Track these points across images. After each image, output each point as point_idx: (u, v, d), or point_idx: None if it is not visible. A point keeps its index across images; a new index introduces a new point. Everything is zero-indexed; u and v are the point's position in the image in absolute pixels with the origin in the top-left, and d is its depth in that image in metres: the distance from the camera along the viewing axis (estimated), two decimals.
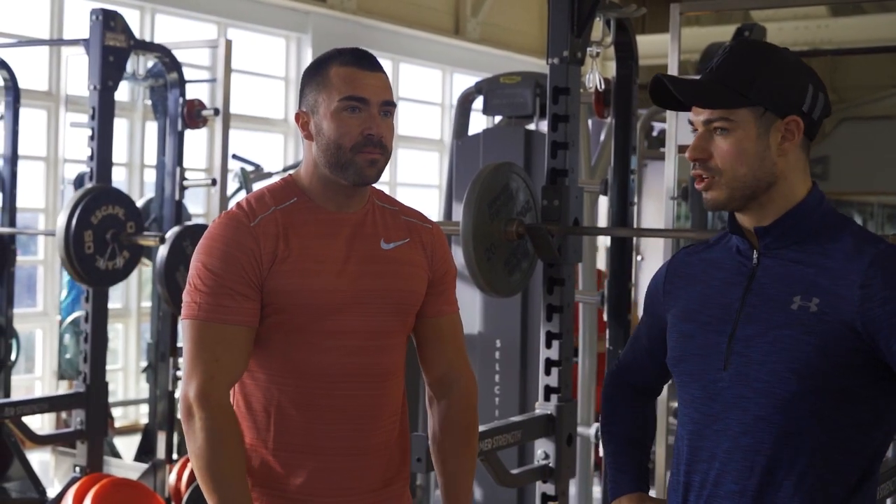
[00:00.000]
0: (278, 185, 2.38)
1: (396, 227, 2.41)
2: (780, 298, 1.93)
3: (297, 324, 2.27)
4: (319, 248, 2.30)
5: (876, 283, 1.87)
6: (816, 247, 1.95)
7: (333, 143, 2.27)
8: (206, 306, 2.24)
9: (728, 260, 2.04)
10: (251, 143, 9.43)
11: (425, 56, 11.61)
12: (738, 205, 1.98)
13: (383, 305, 2.33)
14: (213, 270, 2.24)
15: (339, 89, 2.27)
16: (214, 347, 2.22)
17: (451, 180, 6.00)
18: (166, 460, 5.70)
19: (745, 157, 1.94)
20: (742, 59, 1.95)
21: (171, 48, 5.79)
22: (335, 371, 2.29)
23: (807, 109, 1.95)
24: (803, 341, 1.89)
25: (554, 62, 3.88)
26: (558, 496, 3.91)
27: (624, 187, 4.48)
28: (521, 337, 5.50)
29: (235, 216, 2.30)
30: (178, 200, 5.74)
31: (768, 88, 1.93)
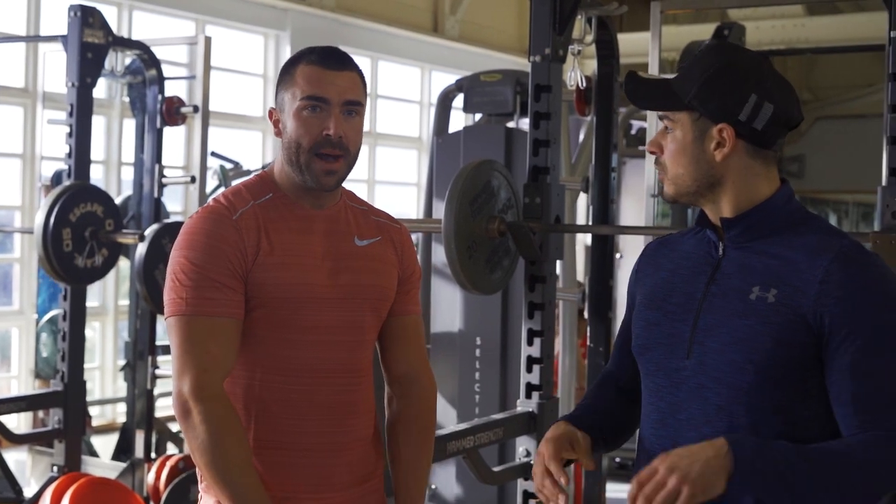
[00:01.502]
0: (254, 180, 2.39)
1: (368, 225, 2.43)
2: (741, 288, 1.97)
3: (279, 318, 2.27)
4: (297, 243, 2.31)
5: (834, 280, 1.89)
6: (781, 241, 1.98)
7: (294, 143, 2.29)
8: (192, 300, 2.21)
9: (698, 250, 2.08)
10: (230, 140, 9.40)
11: (404, 54, 11.60)
12: (687, 200, 2.05)
13: (360, 301, 2.35)
14: (198, 264, 2.22)
15: (302, 88, 2.28)
16: (205, 341, 2.20)
17: (431, 178, 6.00)
18: (145, 459, 5.67)
19: (681, 158, 2.01)
20: (696, 64, 2.01)
21: (150, 45, 5.76)
22: (316, 366, 2.30)
23: (744, 119, 1.96)
24: (759, 332, 1.92)
25: (536, 60, 3.88)
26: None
27: (605, 185, 4.49)
28: (502, 335, 5.50)
29: (216, 210, 2.28)
30: (157, 198, 5.71)
31: (705, 94, 1.97)
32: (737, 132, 1.98)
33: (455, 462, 5.25)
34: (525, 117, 5.73)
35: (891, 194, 3.29)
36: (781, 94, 1.98)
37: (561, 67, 3.94)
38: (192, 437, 2.18)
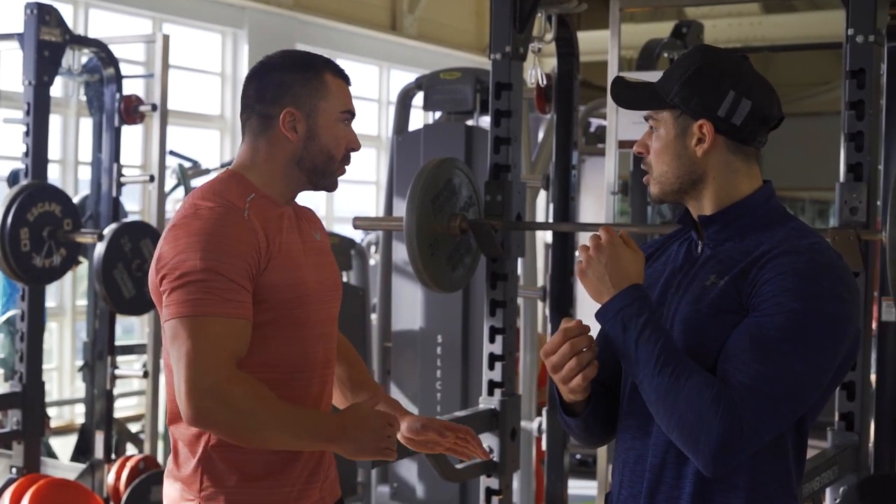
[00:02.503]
0: (228, 179, 2.37)
1: (307, 218, 2.52)
2: (702, 278, 2.03)
3: (290, 318, 2.31)
4: (290, 241, 2.36)
5: (771, 265, 1.94)
6: (752, 239, 2.03)
7: (326, 152, 2.39)
8: (206, 301, 2.17)
9: (682, 251, 2.15)
10: (187, 139, 9.35)
11: (362, 52, 11.58)
12: (672, 198, 2.11)
13: (332, 294, 2.46)
14: (215, 266, 2.18)
15: (339, 101, 2.41)
16: (223, 340, 2.17)
17: (391, 177, 5.99)
18: (104, 460, 5.63)
19: (665, 156, 2.07)
20: (678, 64, 2.09)
21: (107, 43, 5.72)
22: (313, 360, 2.38)
23: (723, 115, 2.02)
24: (707, 315, 1.98)
25: (496, 58, 3.89)
26: (502, 490, 3.92)
27: (566, 182, 4.50)
28: (463, 332, 5.51)
29: (227, 210, 2.26)
30: (115, 197, 5.67)
31: (686, 92, 2.03)
32: (716, 127, 2.04)
33: (417, 460, 5.25)
34: (485, 115, 5.75)
35: (848, 191, 3.33)
36: (760, 92, 2.05)
37: (521, 65, 3.96)
38: (235, 417, 2.14)
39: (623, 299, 1.96)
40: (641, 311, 1.95)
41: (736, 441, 1.86)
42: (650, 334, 1.92)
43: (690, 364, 1.91)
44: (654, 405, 1.94)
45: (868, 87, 3.34)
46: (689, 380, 1.89)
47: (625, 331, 1.95)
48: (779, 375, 1.88)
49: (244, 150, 2.40)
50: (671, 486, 2.02)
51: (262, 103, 2.37)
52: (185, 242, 2.21)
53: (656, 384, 1.91)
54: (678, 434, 1.91)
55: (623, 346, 1.95)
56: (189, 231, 2.22)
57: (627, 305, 1.96)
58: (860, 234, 3.28)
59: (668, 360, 1.91)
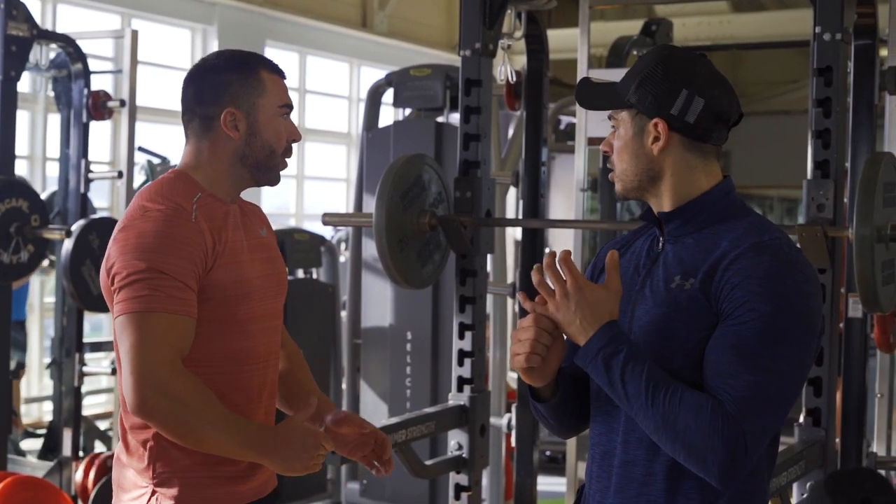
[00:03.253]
0: (175, 179, 2.41)
1: (252, 214, 2.56)
2: (665, 279, 2.05)
3: (236, 314, 2.36)
4: (235, 239, 2.41)
5: (738, 266, 1.96)
6: (713, 235, 2.05)
7: (268, 147, 2.43)
8: (154, 298, 2.23)
9: (644, 246, 2.16)
10: (156, 135, 9.30)
11: (333, 49, 11.56)
12: (633, 196, 2.14)
13: (276, 289, 2.51)
14: (162, 266, 2.24)
15: (277, 96, 2.44)
16: (167, 335, 2.23)
17: (361, 173, 5.99)
18: (73, 458, 5.60)
19: (624, 154, 2.11)
20: (636, 66, 2.12)
21: (75, 38, 5.68)
22: (256, 353, 2.42)
23: (676, 113, 2.05)
24: (674, 318, 2.00)
25: (466, 54, 3.90)
26: (471, 486, 3.93)
27: (535, 179, 4.51)
28: (433, 329, 5.51)
29: (174, 211, 2.31)
30: (83, 193, 5.64)
31: (641, 92, 2.07)
32: (670, 126, 2.06)
33: None
34: (455, 112, 5.75)
35: (815, 187, 3.35)
36: (714, 90, 2.07)
37: (491, 62, 3.96)
38: (176, 409, 2.19)
39: (600, 340, 1.96)
40: (620, 348, 1.95)
41: (742, 453, 1.90)
42: (633, 367, 1.93)
43: (679, 387, 1.93)
44: (654, 434, 1.95)
45: (835, 85, 3.35)
46: (683, 404, 1.91)
47: (608, 370, 1.95)
48: (769, 381, 1.91)
49: (188, 151, 2.45)
50: (641, 482, 2.03)
51: (201, 105, 2.41)
52: (133, 244, 2.27)
53: (652, 415, 1.92)
54: (685, 457, 1.93)
55: (610, 384, 1.96)
56: (138, 233, 2.28)
57: (605, 345, 1.95)
58: (827, 230, 3.29)
59: (657, 389, 1.92)
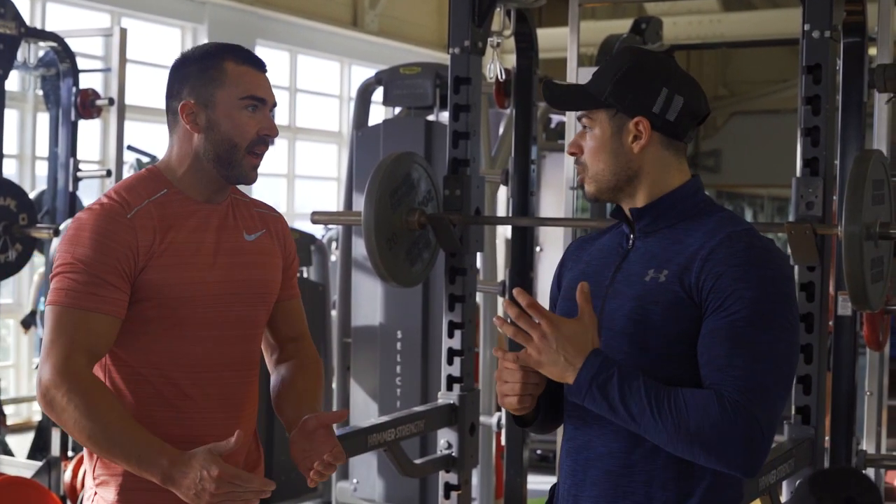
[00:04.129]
0: (144, 175, 2.38)
1: (252, 218, 2.46)
2: (639, 273, 2.07)
3: (178, 317, 2.29)
4: (192, 240, 2.33)
5: (716, 257, 1.99)
6: (685, 229, 2.08)
7: (228, 141, 2.32)
8: (72, 294, 2.20)
9: (612, 243, 2.18)
10: (145, 134, 9.27)
11: (323, 48, 11.54)
12: (608, 196, 2.14)
13: (251, 295, 2.40)
14: (85, 260, 2.21)
15: (239, 87, 2.32)
16: (73, 332, 2.19)
17: (350, 171, 5.97)
18: (61, 457, 5.58)
19: (601, 154, 2.11)
20: (608, 65, 2.13)
21: (64, 36, 5.66)
22: (211, 361, 2.33)
23: (658, 111, 2.08)
24: (650, 311, 2.01)
25: (455, 52, 3.89)
26: (461, 485, 3.92)
27: (525, 177, 4.50)
28: (423, 327, 5.50)
29: (111, 208, 2.27)
30: (72, 192, 5.62)
31: (619, 91, 2.08)
32: (652, 124, 2.09)
33: (376, 455, 5.24)
34: (445, 110, 5.73)
35: (805, 185, 3.34)
36: (689, 88, 2.11)
37: (480, 60, 3.95)
38: (67, 417, 2.16)
39: (589, 370, 1.95)
40: (611, 372, 1.94)
41: (759, 439, 1.92)
42: (629, 387, 1.93)
43: (679, 391, 1.93)
44: (669, 444, 1.95)
45: (824, 83, 3.35)
46: (689, 406, 1.92)
47: (606, 397, 1.94)
48: (771, 366, 1.94)
49: (167, 148, 2.42)
50: (619, 474, 2.04)
51: (168, 99, 2.39)
52: (69, 235, 2.26)
53: (662, 427, 1.93)
54: (706, 458, 1.94)
55: (611, 410, 1.95)
56: (76, 225, 2.27)
57: (596, 374, 1.94)
58: (816, 228, 3.29)
59: (659, 400, 1.92)
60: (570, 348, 1.95)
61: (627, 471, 2.03)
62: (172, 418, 2.29)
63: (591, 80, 2.12)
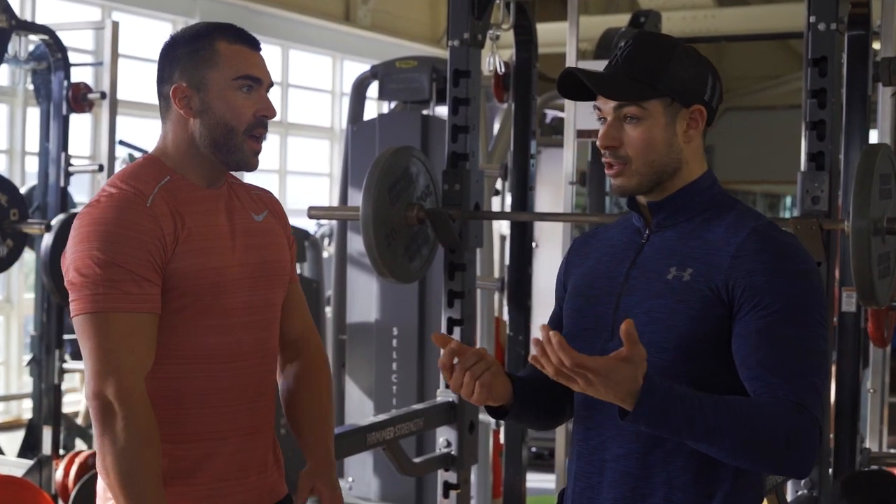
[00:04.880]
0: (144, 163, 2.26)
1: (252, 199, 2.37)
2: (659, 269, 2.01)
3: (204, 305, 2.18)
4: (209, 224, 2.23)
5: (746, 254, 1.94)
6: (703, 223, 2.03)
7: (224, 124, 2.21)
8: (109, 296, 2.07)
9: (623, 237, 2.12)
10: (136, 128, 9.21)
11: (315, 43, 11.48)
12: (647, 189, 2.04)
13: (269, 277, 2.31)
14: (112, 256, 2.08)
15: (232, 67, 2.21)
16: (127, 339, 2.08)
17: (346, 166, 5.91)
18: (53, 456, 5.52)
19: (655, 146, 2.01)
20: (649, 52, 2.02)
21: (55, 30, 5.59)
22: (240, 349, 2.23)
23: (707, 98, 2.03)
24: (675, 310, 1.95)
25: (454, 44, 3.84)
26: (460, 484, 3.87)
27: (524, 172, 4.44)
28: (419, 324, 5.45)
29: (126, 197, 2.15)
30: (63, 187, 5.54)
31: (675, 80, 2.00)
32: (707, 112, 2.05)
33: (372, 454, 5.19)
34: (441, 105, 5.68)
35: (810, 180, 3.29)
36: (718, 74, 2.08)
37: (479, 53, 3.90)
38: (110, 442, 2.06)
39: (646, 404, 1.83)
40: (667, 401, 1.84)
41: (819, 437, 1.89)
42: (688, 410, 1.84)
43: (735, 404, 1.87)
44: (735, 459, 1.89)
45: (830, 76, 3.30)
46: (753, 420, 1.85)
47: (668, 425, 1.85)
48: (815, 362, 1.91)
49: (160, 135, 2.31)
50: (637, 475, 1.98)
51: (159, 84, 2.28)
52: (86, 232, 2.11)
53: (729, 444, 1.85)
54: (774, 467, 1.90)
55: (673, 434, 1.87)
56: (91, 220, 2.13)
57: (653, 408, 1.83)
58: (822, 223, 3.24)
59: (719, 418, 1.84)
60: (620, 390, 1.83)
61: (646, 472, 1.98)
62: (203, 414, 2.20)
63: (631, 69, 2.01)
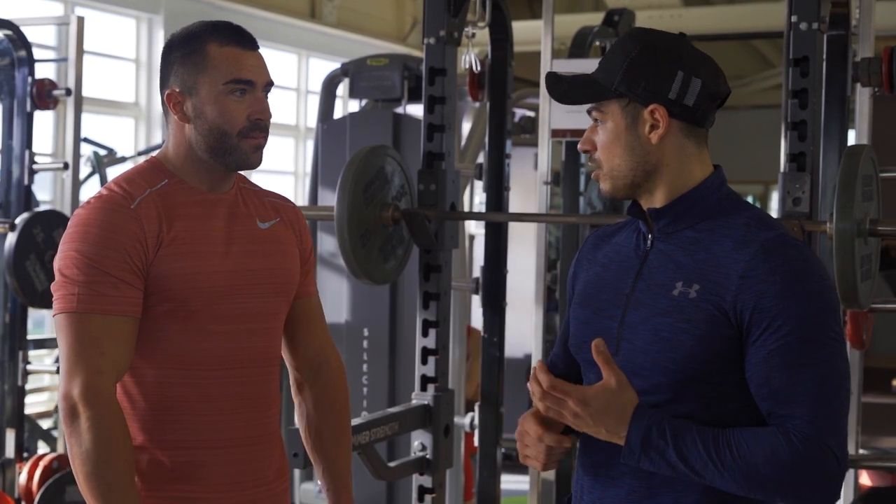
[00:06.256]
0: (144, 166, 2.24)
1: (264, 206, 2.33)
2: (665, 284, 1.92)
3: (189, 311, 2.14)
4: (201, 228, 2.19)
5: (755, 275, 1.85)
6: (709, 232, 1.93)
7: (217, 129, 2.18)
8: (85, 297, 2.07)
9: (629, 243, 2.04)
10: (100, 126, 9.08)
11: (281, 40, 11.37)
12: (625, 194, 1.99)
13: (269, 286, 2.26)
14: (92, 257, 2.07)
15: (223, 71, 2.17)
16: (100, 340, 2.06)
17: (316, 165, 5.84)
18: (16, 459, 5.41)
19: (616, 148, 1.95)
20: (615, 51, 1.97)
21: (19, 24, 5.48)
22: (230, 357, 2.19)
23: (674, 97, 1.92)
24: (681, 329, 1.88)
25: (430, 42, 3.79)
26: (435, 488, 3.82)
27: (500, 172, 4.40)
28: (391, 325, 5.39)
29: (112, 198, 2.14)
30: (27, 185, 5.44)
31: (631, 79, 1.92)
32: (669, 111, 1.93)
33: None
34: (412, 103, 5.63)
35: (791, 181, 3.26)
36: (706, 68, 1.95)
37: (456, 50, 3.86)
38: (76, 443, 2.05)
39: (637, 435, 1.83)
40: (661, 431, 1.82)
41: (836, 469, 1.81)
42: (684, 442, 1.81)
43: (737, 435, 1.82)
44: (741, 492, 1.84)
45: (812, 76, 3.27)
46: (754, 452, 1.80)
47: (663, 457, 1.83)
48: (834, 387, 1.84)
49: (165, 138, 2.29)
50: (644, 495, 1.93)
51: (160, 88, 2.26)
52: (71, 233, 2.13)
53: (729, 478, 1.81)
54: (783, 496, 1.83)
55: (670, 469, 1.84)
56: (77, 221, 2.14)
57: (645, 438, 1.83)
58: (804, 225, 3.21)
59: (719, 450, 1.81)
60: (608, 420, 1.83)
61: (651, 492, 1.92)
62: (190, 422, 2.16)
63: (598, 69, 1.97)
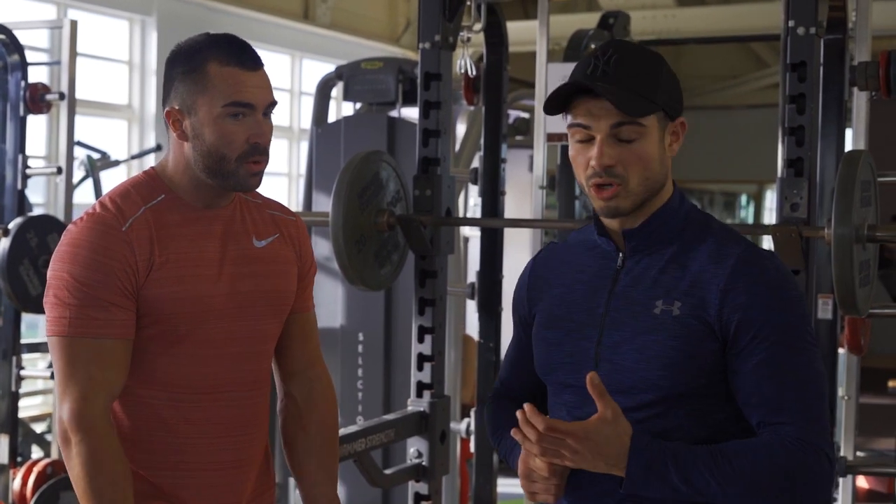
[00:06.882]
0: (142, 179, 2.20)
1: (264, 221, 2.28)
2: (643, 302, 1.93)
3: (178, 334, 2.12)
4: (194, 250, 2.15)
5: (735, 288, 1.88)
6: (680, 248, 1.95)
7: (216, 152, 2.13)
8: (75, 321, 2.05)
9: (590, 261, 2.03)
10: (93, 129, 9.05)
11: (274, 41, 11.34)
12: (630, 211, 1.95)
13: (262, 308, 2.22)
14: (82, 281, 2.05)
15: (222, 93, 2.12)
16: (87, 365, 2.04)
17: (310, 169, 5.82)
18: (10, 465, 5.39)
19: (651, 162, 1.93)
20: (640, 64, 1.93)
21: (11, 28, 5.45)
22: (219, 381, 2.16)
23: (681, 111, 1.98)
24: (669, 346, 1.89)
25: (425, 47, 3.76)
26: (431, 495, 3.80)
27: (495, 176, 4.38)
28: (385, 331, 5.37)
29: (103, 220, 2.10)
30: (20, 190, 5.41)
31: (666, 92, 1.93)
32: None
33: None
34: (407, 106, 5.61)
35: (789, 186, 3.24)
36: None
37: (451, 55, 3.83)
38: (70, 466, 2.06)
39: (638, 464, 1.83)
40: (662, 457, 1.83)
41: (829, 468, 1.85)
42: (685, 464, 1.83)
43: (732, 449, 1.84)
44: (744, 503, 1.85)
45: (809, 81, 3.25)
46: (752, 465, 1.83)
47: (664, 482, 1.84)
48: (815, 390, 1.88)
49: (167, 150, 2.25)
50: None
51: (162, 102, 2.21)
52: (61, 252, 2.10)
53: (731, 492, 1.83)
54: (784, 502, 1.84)
55: (675, 491, 1.85)
56: (68, 239, 2.11)
57: (647, 465, 1.83)
58: (802, 231, 3.19)
59: (718, 467, 1.83)
60: (608, 452, 1.83)
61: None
62: (173, 444, 2.14)
63: (630, 82, 1.90)
